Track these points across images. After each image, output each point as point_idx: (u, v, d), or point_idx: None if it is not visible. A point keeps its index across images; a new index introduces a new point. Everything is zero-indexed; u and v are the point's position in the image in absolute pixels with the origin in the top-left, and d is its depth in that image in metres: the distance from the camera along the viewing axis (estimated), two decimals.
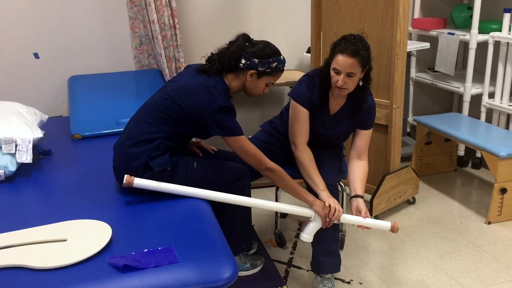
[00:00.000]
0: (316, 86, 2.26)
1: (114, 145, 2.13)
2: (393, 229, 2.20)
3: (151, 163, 2.00)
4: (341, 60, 2.08)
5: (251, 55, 2.04)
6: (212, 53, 2.13)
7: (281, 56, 2.10)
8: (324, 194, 2.16)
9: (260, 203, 2.06)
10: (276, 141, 2.51)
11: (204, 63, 2.12)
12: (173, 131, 2.04)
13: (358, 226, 2.18)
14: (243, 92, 2.16)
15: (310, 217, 2.13)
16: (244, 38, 2.09)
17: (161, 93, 2.07)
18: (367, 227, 2.17)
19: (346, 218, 2.16)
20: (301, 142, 2.27)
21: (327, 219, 2.12)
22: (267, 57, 2.05)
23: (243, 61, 2.05)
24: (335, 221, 2.14)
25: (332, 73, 2.15)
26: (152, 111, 2.05)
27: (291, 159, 2.39)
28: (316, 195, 2.17)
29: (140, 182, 1.95)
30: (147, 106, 2.09)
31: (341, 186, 2.57)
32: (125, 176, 1.93)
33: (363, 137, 2.33)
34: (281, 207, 2.09)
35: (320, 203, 2.12)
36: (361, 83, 2.18)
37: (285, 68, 4.05)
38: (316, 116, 2.31)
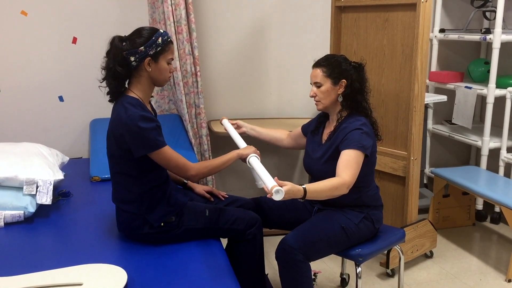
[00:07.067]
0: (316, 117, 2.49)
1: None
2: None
3: (149, 218, 2.00)
4: (311, 73, 2.30)
5: (134, 48, 1.94)
6: (101, 79, 2.03)
7: (159, 30, 2.01)
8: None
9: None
10: None
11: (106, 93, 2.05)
12: (137, 175, 2.02)
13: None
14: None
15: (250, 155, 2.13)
16: (117, 40, 1.97)
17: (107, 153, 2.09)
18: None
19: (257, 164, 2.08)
20: None
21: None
22: (148, 38, 1.95)
23: (132, 58, 1.95)
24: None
25: None
26: (112, 172, 2.10)
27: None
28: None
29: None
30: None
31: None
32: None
33: (340, 157, 2.16)
34: None
35: (240, 150, 2.20)
36: (340, 99, 2.27)
37: (301, 116, 4.02)
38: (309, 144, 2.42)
